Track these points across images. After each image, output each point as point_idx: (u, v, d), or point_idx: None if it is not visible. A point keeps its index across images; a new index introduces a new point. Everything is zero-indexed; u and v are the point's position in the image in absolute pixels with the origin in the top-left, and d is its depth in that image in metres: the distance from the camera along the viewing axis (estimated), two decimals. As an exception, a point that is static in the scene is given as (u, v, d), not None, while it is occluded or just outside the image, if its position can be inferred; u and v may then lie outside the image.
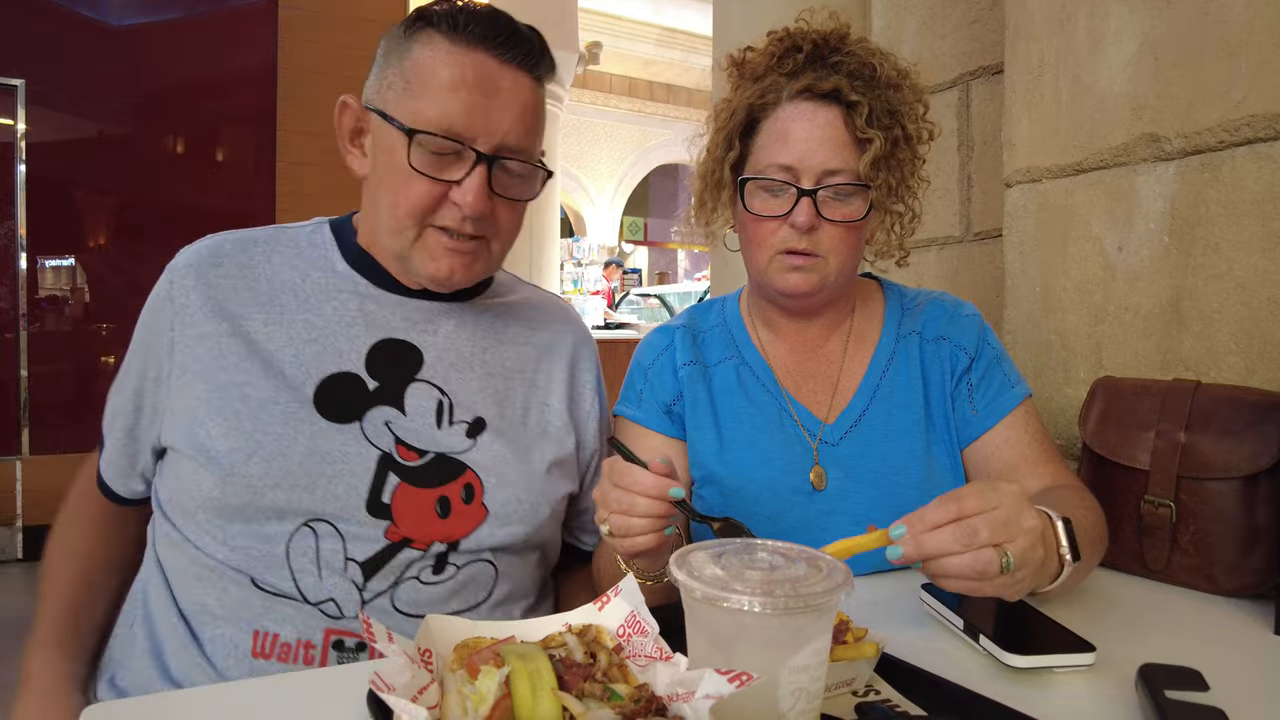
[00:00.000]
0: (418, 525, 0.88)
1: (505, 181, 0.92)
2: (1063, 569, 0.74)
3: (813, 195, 0.96)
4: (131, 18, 3.93)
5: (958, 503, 0.69)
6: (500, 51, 0.88)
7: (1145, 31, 1.20)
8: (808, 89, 0.97)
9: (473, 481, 0.92)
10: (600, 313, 7.36)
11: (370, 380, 0.92)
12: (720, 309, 1.18)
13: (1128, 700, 0.67)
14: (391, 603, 0.87)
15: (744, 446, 1.05)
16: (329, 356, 0.91)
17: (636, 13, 10.55)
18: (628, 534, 0.78)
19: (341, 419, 0.89)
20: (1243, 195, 1.09)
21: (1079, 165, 1.31)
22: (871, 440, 1.04)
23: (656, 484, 0.77)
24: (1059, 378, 1.35)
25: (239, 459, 0.85)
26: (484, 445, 0.94)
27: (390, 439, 0.90)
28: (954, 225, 1.92)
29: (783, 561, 0.58)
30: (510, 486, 0.93)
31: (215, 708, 0.67)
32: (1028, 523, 0.69)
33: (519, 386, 1.02)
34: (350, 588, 0.85)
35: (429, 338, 0.97)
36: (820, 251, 0.98)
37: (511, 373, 1.02)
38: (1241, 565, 0.95)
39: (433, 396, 0.94)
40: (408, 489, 0.89)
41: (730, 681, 0.49)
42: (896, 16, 2.05)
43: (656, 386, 1.11)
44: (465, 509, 0.91)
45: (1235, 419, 0.98)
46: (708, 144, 1.07)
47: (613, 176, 12.27)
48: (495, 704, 0.52)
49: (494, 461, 0.94)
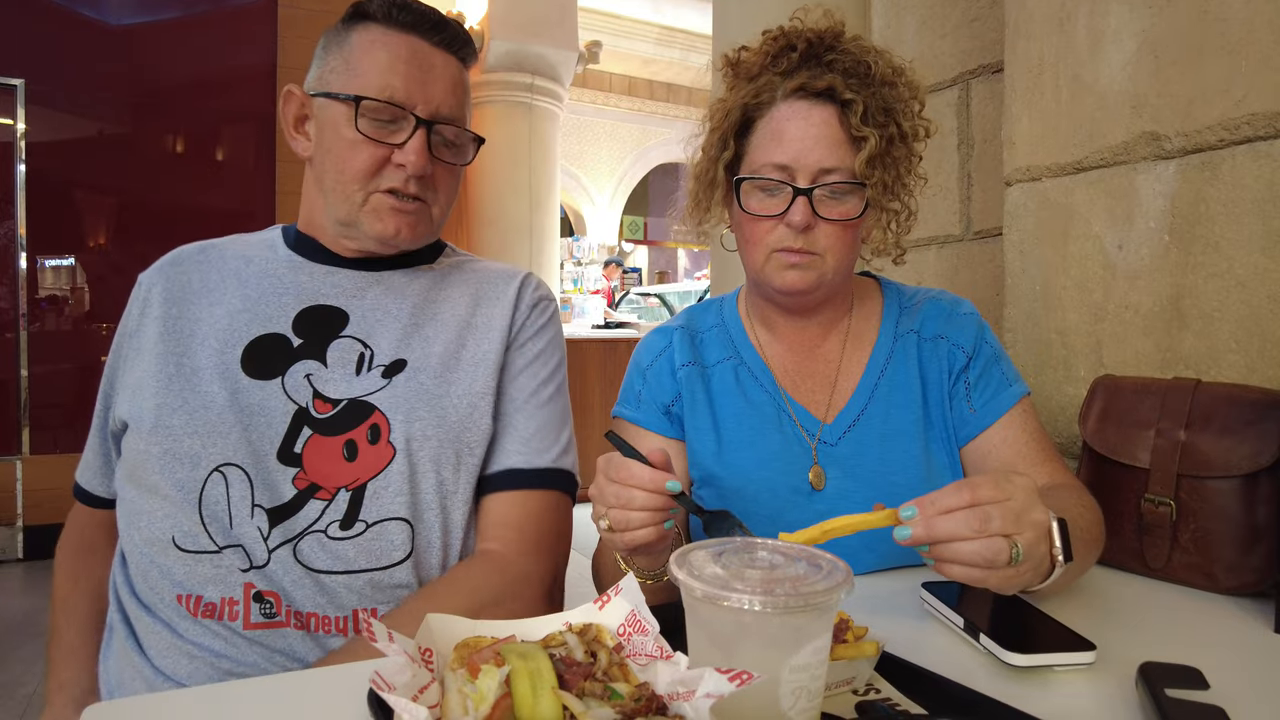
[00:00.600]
0: (325, 472, 0.91)
1: (442, 147, 1.01)
2: (1054, 568, 0.74)
3: (808, 194, 0.96)
4: (131, 17, 3.93)
5: (972, 490, 0.69)
6: (430, 35, 0.99)
7: (1145, 30, 1.20)
8: (802, 88, 0.97)
9: (379, 421, 0.94)
10: (600, 312, 7.36)
11: (295, 339, 0.97)
12: (718, 309, 1.18)
13: (1128, 698, 0.67)
14: (294, 554, 0.89)
15: (742, 447, 1.05)
16: (258, 322, 0.98)
17: (636, 12, 10.55)
18: (626, 528, 0.78)
19: (264, 376, 0.94)
20: (1243, 194, 1.09)
21: (1079, 164, 1.31)
22: (869, 440, 1.04)
23: (653, 477, 0.77)
24: (1059, 376, 1.35)
25: (165, 413, 0.92)
26: (398, 384, 0.96)
27: (309, 393, 0.94)
28: (954, 224, 1.92)
29: (783, 560, 0.58)
30: (418, 421, 0.95)
31: (215, 707, 0.67)
32: (1037, 516, 0.70)
33: (450, 327, 1.03)
34: (256, 535, 0.88)
35: (356, 301, 1.02)
36: (817, 250, 0.98)
37: (445, 319, 1.03)
38: (1242, 563, 0.95)
39: (355, 350, 0.98)
40: (318, 439, 0.92)
41: (731, 680, 0.49)
42: (896, 15, 2.05)
43: (654, 387, 1.11)
44: (371, 449, 0.93)
45: (1235, 417, 0.98)
46: (703, 144, 1.07)
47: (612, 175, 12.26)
48: (496, 703, 0.52)
49: (405, 398, 0.96)
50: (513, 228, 5.96)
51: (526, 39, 5.91)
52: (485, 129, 6.04)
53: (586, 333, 6.16)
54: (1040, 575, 0.74)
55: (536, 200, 6.06)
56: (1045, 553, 0.71)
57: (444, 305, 1.05)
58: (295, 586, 0.87)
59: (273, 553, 0.88)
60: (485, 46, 5.89)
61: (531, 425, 1.03)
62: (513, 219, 5.96)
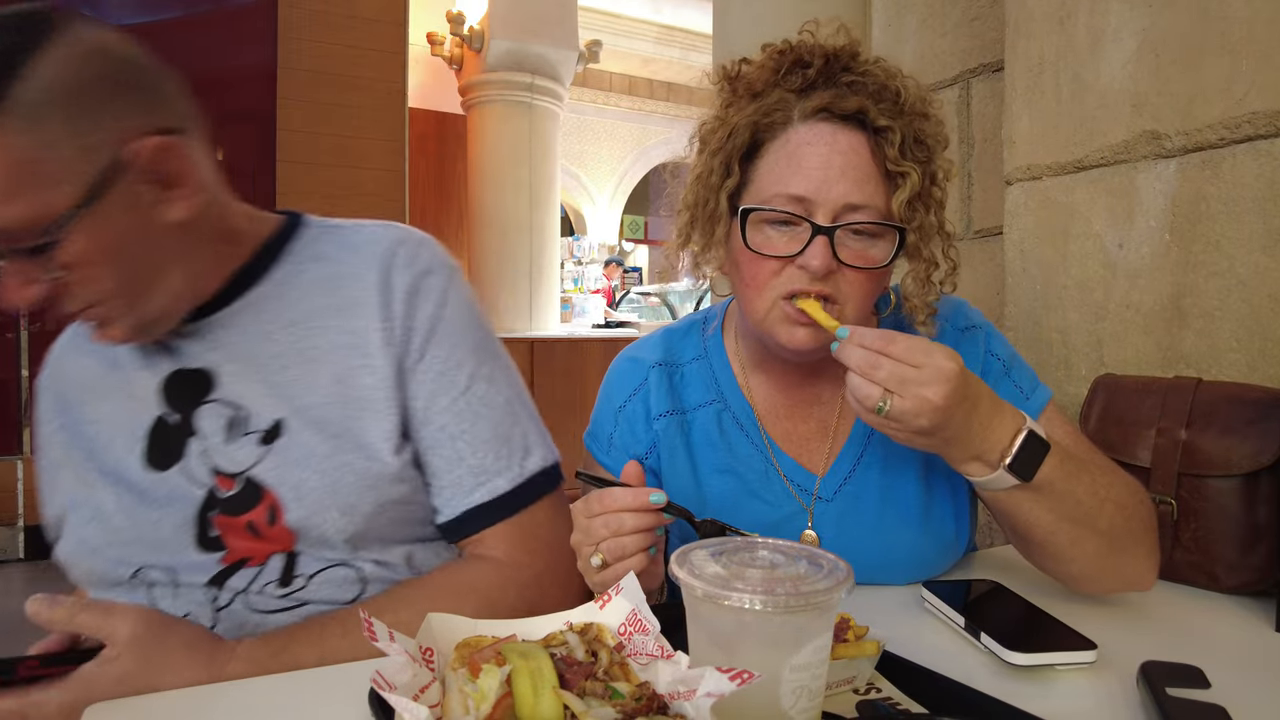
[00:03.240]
0: (247, 547, 0.84)
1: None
2: (997, 469, 0.77)
3: (830, 234, 0.82)
4: (132, 17, 3.92)
5: (888, 341, 0.74)
6: None
7: (1145, 28, 1.20)
8: (826, 109, 0.83)
9: (273, 502, 0.84)
10: (601, 311, 7.36)
11: (172, 414, 0.88)
12: (701, 335, 1.04)
13: (1129, 698, 0.67)
14: (246, 605, 0.84)
15: (726, 510, 0.94)
16: (132, 409, 0.89)
17: (636, 11, 10.54)
18: (623, 556, 0.73)
19: (163, 465, 0.86)
20: (1243, 192, 1.09)
21: (1079, 162, 1.31)
22: (868, 492, 0.94)
23: (636, 495, 0.73)
24: (1060, 375, 1.35)
25: (77, 528, 0.87)
26: (280, 451, 0.84)
27: (207, 471, 0.85)
28: (954, 223, 1.91)
29: (784, 560, 0.58)
30: (310, 495, 0.83)
31: (215, 708, 0.67)
32: (929, 392, 0.72)
33: (322, 360, 0.87)
34: (202, 599, 0.84)
35: (213, 354, 0.88)
36: (837, 299, 0.84)
37: (313, 349, 0.87)
38: (1243, 563, 0.95)
39: (225, 415, 0.86)
40: (224, 519, 0.84)
41: (731, 680, 0.49)
42: (897, 14, 2.05)
43: (627, 435, 0.99)
44: (273, 531, 0.84)
45: (1236, 416, 0.98)
46: (699, 169, 0.91)
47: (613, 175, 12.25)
48: (497, 702, 0.52)
49: (292, 468, 0.84)
50: (513, 227, 5.96)
51: (527, 38, 5.91)
52: (486, 128, 6.04)
53: (587, 332, 6.16)
54: (962, 456, 0.78)
55: (537, 199, 6.06)
56: (929, 429, 0.74)
57: (309, 329, 0.88)
58: (258, 627, 0.84)
59: (221, 612, 0.84)
60: (486, 46, 5.89)
61: (477, 446, 0.88)
62: (513, 218, 5.96)
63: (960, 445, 0.77)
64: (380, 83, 4.26)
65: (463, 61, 6.22)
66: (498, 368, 0.93)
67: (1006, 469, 0.77)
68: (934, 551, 0.96)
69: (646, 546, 0.74)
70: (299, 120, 4.04)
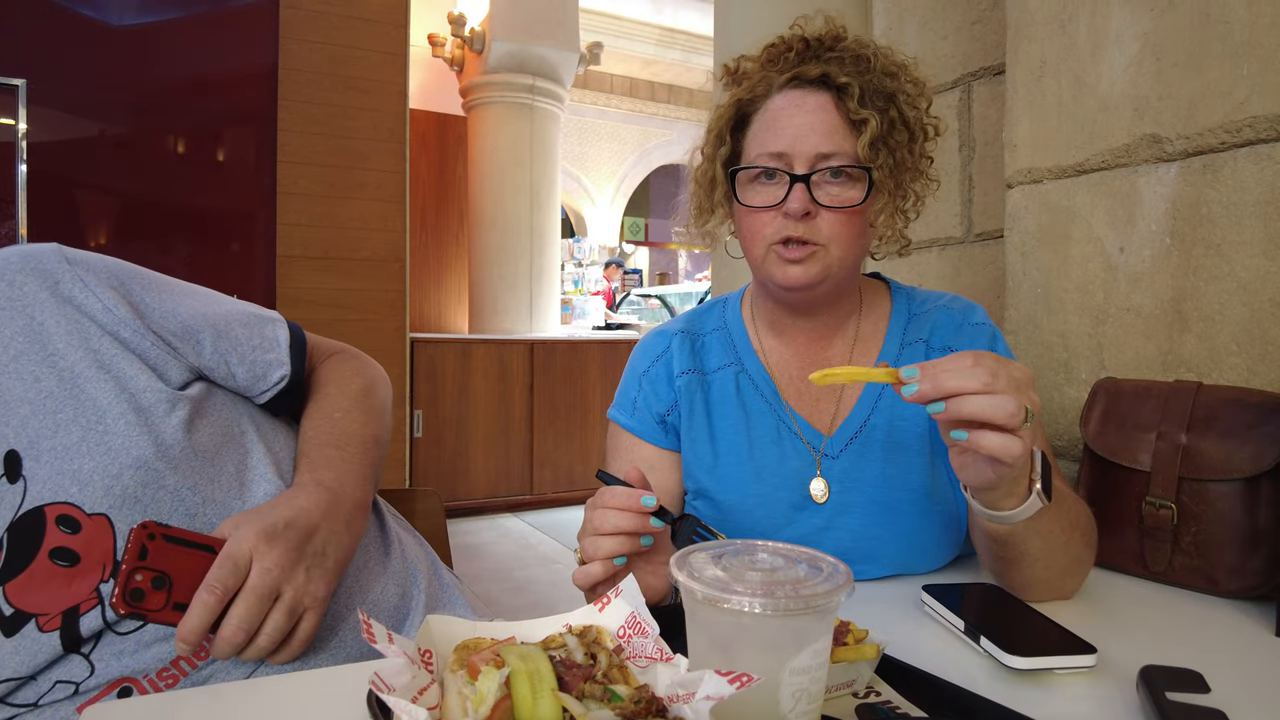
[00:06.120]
0: (50, 602, 0.73)
1: None
2: (1028, 496, 0.76)
3: (805, 180, 0.93)
4: (133, 18, 3.93)
5: (974, 355, 0.70)
6: None
7: (1147, 32, 1.20)
8: (796, 77, 0.96)
9: (60, 542, 0.73)
10: (601, 313, 7.37)
11: None
12: (721, 311, 1.15)
13: (1129, 702, 0.67)
14: (115, 633, 0.76)
15: (739, 461, 1.03)
16: None
17: (637, 13, 10.56)
18: (594, 555, 0.74)
19: None
20: (1244, 196, 1.09)
21: (1080, 166, 1.31)
22: (872, 453, 1.01)
23: (630, 496, 0.75)
24: (1060, 379, 1.35)
25: None
26: (37, 478, 0.74)
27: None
28: (955, 226, 1.92)
29: (783, 563, 0.58)
30: (93, 516, 0.74)
31: (214, 708, 0.67)
32: (1035, 396, 0.72)
33: (24, 374, 0.76)
34: (67, 664, 0.75)
35: None
36: (820, 240, 0.94)
37: (13, 363, 0.76)
38: (1243, 567, 0.95)
39: None
40: (21, 579, 0.73)
41: (731, 683, 0.49)
42: (898, 17, 2.05)
43: (650, 395, 1.08)
44: (75, 571, 0.74)
45: (1237, 420, 0.98)
46: (702, 148, 1.06)
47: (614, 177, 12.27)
48: (495, 705, 0.52)
49: (52, 489, 0.74)
50: (513, 228, 5.97)
51: (528, 40, 5.92)
52: (486, 130, 6.04)
53: (587, 333, 6.16)
54: (1018, 496, 0.76)
55: (537, 201, 6.07)
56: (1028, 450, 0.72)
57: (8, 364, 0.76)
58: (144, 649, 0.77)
59: (92, 657, 0.75)
60: (487, 47, 5.90)
61: (241, 341, 0.88)
62: (513, 220, 5.97)
63: (1022, 479, 0.75)
64: (381, 84, 4.26)
65: (464, 63, 6.23)
66: (185, 292, 0.91)
67: (1039, 491, 0.76)
68: (938, 522, 0.99)
69: (620, 552, 0.75)
70: (299, 121, 4.04)
